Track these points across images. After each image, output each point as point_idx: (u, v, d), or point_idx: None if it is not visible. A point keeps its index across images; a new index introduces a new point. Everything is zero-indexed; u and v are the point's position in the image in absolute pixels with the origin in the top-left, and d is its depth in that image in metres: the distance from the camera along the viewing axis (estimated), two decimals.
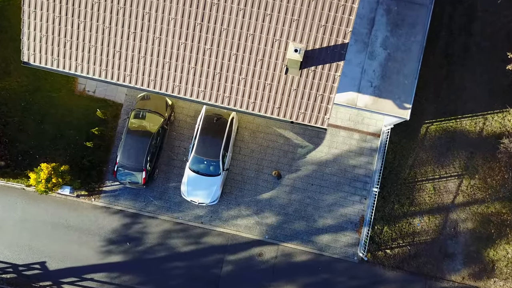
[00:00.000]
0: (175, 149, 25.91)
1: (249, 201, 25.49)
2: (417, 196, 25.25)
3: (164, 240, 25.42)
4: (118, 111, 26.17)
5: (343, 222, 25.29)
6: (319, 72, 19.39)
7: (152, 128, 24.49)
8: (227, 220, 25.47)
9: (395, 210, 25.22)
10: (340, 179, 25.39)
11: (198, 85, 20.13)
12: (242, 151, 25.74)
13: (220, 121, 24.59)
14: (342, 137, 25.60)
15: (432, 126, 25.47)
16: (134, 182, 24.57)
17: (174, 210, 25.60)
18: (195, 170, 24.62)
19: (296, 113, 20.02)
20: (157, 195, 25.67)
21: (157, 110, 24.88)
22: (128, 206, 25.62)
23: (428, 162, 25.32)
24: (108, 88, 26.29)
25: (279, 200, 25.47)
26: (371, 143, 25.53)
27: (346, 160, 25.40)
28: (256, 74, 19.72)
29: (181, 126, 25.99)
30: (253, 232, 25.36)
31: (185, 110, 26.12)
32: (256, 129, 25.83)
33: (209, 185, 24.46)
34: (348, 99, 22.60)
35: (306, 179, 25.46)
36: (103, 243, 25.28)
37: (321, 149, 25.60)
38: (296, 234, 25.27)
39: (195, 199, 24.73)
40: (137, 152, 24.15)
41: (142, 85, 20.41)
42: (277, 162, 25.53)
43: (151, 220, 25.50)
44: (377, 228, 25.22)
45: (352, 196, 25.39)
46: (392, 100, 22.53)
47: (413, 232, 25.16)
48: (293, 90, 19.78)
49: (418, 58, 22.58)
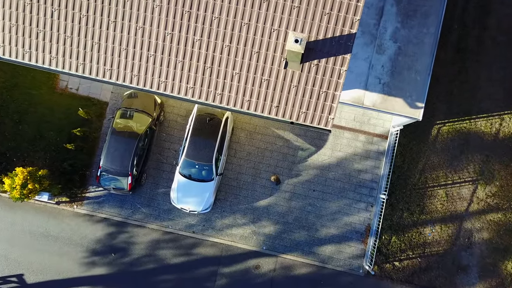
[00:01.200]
0: (164, 152, 23.63)
1: (245, 208, 23.21)
2: (428, 203, 23.19)
3: (152, 251, 23.13)
4: (103, 110, 24.01)
5: (348, 231, 23.06)
6: (322, 66, 16.97)
7: (139, 129, 22.25)
8: (221, 229, 23.21)
9: (404, 218, 23.09)
10: (344, 185, 23.19)
11: (187, 81, 17.71)
12: (237, 154, 23.46)
13: (213, 122, 22.23)
14: (346, 139, 23.38)
15: (444, 127, 23.54)
16: (119, 188, 22.26)
17: (163, 218, 23.31)
18: (185, 175, 22.30)
19: (297, 113, 17.60)
20: (145, 202, 23.40)
21: (145, 109, 22.75)
22: (113, 214, 23.40)
23: (440, 166, 23.56)
24: (92, 86, 24.05)
25: (278, 207, 23.19)
26: (378, 145, 23.32)
27: (350, 164, 23.19)
28: (251, 68, 17.30)
29: (171, 126, 23.70)
30: (250, 242, 23.12)
31: (176, 109, 23.81)
32: (253, 130, 23.52)
33: (201, 191, 22.21)
34: (354, 97, 20.25)
35: (307, 185, 23.18)
36: (86, 254, 23.38)
37: (323, 152, 23.36)
38: (296, 244, 23.06)
39: (186, 207, 22.40)
40: (122, 155, 21.89)
41: (124, 80, 18.00)
42: (275, 166, 23.29)
43: (138, 229, 23.29)
44: (385, 238, 23.02)
45: (358, 204, 23.15)
46: (403, 98, 20.21)
47: (423, 243, 23.18)
48: (293, 87, 17.34)
49: (431, 52, 20.27)
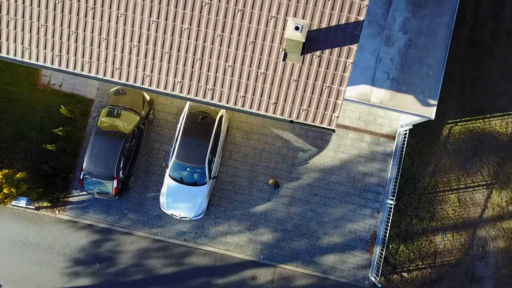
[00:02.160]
0: (154, 153, 21.61)
1: (240, 214, 21.20)
2: (439, 209, 21.23)
3: (140, 260, 21.14)
4: (88, 108, 22.04)
5: (352, 239, 21.07)
6: (326, 58, 14.96)
7: (126, 128, 20.28)
8: (215, 237, 21.19)
9: (413, 225, 21.11)
10: (348, 189, 21.18)
11: (174, 75, 15.70)
12: (233, 156, 21.43)
13: (206, 120, 20.22)
14: (350, 139, 21.35)
15: (456, 126, 21.70)
16: (104, 192, 20.27)
17: (152, 225, 21.30)
18: (176, 178, 20.29)
19: (297, 110, 15.58)
20: (133, 207, 21.40)
21: (132, 107, 20.77)
22: (98, 220, 21.39)
23: (451, 169, 21.67)
24: (76, 82, 22.09)
25: (277, 213, 21.17)
26: (384, 146, 21.30)
27: (355, 166, 21.21)
28: (246, 61, 15.29)
29: (161, 126, 21.70)
30: (246, 251, 21.12)
31: (167, 107, 21.80)
32: (249, 130, 21.51)
33: (193, 196, 20.20)
34: (360, 93, 18.23)
35: (308, 189, 21.20)
36: (68, 263, 21.46)
37: (326, 154, 21.38)
38: (296, 253, 21.09)
39: (177, 213, 20.38)
40: (107, 156, 19.90)
41: (104, 74, 16.01)
42: (274, 169, 21.27)
43: (125, 236, 21.29)
44: (392, 247, 21.04)
45: (363, 209, 21.15)
46: (414, 95, 18.21)
47: (434, 252, 21.26)
48: (293, 81, 15.31)
49: (445, 43, 18.29)
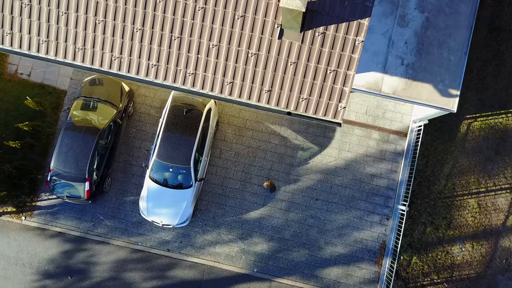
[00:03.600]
0: (134, 151, 18.82)
1: (232, 221, 18.40)
2: (457, 215, 18.55)
3: (117, 273, 18.39)
4: (61, 101, 19.28)
5: (358, 250, 18.29)
6: (331, 35, 12.12)
7: (101, 123, 17.42)
8: (203, 247, 18.41)
9: (428, 234, 18.37)
10: (354, 193, 18.39)
11: (148, 57, 12.86)
12: (223, 155, 18.62)
13: (192, 114, 17.40)
14: (356, 136, 18.56)
15: (475, 122, 19.11)
16: (74, 196, 17.50)
17: (131, 233, 18.49)
18: (158, 180, 17.47)
19: (296, 100, 12.73)
20: (109, 213, 18.63)
21: (108, 99, 17.88)
22: (70, 227, 18.62)
23: (470, 171, 19.04)
24: (47, 71, 19.31)
25: (273, 220, 18.38)
26: (395, 144, 18.52)
27: (362, 167, 18.47)
28: (234, 39, 12.46)
29: (142, 120, 18.89)
30: (237, 263, 18.33)
31: (149, 100, 18.98)
32: (242, 125, 18.70)
33: (177, 200, 17.42)
34: (369, 82, 15.41)
35: (308, 193, 18.47)
36: (36, 276, 18.85)
37: (328, 153, 18.55)
38: (295, 266, 18.33)
39: (158, 220, 17.58)
40: (78, 155, 17.12)
41: (65, 56, 13.20)
42: (270, 170, 18.49)
43: (100, 246, 18.50)
44: (404, 259, 18.28)
45: (370, 216, 18.38)
46: (432, 84, 15.39)
47: (451, 265, 18.69)
48: (291, 64, 12.47)
49: (468, 24, 15.45)
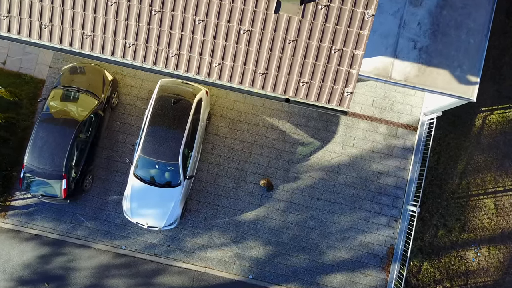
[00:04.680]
0: (118, 147, 17.01)
1: (225, 223, 16.59)
2: (472, 217, 16.84)
3: (99, 280, 16.58)
4: (39, 91, 17.54)
5: (364, 255, 16.48)
6: (335, 8, 10.30)
7: (80, 115, 15.57)
8: (193, 251, 16.59)
9: (440, 238, 16.61)
10: (359, 192, 16.59)
11: (125, 35, 11.04)
12: (216, 150, 16.81)
13: (181, 105, 15.59)
14: (362, 130, 16.76)
15: (491, 115, 17.49)
16: (50, 195, 15.70)
17: (115, 235, 16.68)
18: (143, 177, 15.67)
19: (295, 84, 10.90)
20: (91, 214, 16.80)
21: (89, 89, 16.15)
22: (47, 229, 16.84)
23: (486, 168, 17.38)
24: (24, 59, 17.47)
25: (270, 222, 16.57)
26: (404, 139, 16.74)
27: (367, 164, 16.69)
28: (223, 13, 10.62)
29: (128, 113, 17.09)
30: (231, 269, 16.52)
31: (135, 90, 17.19)
32: (237, 118, 16.89)
33: (164, 200, 15.61)
34: (377, 68, 13.58)
35: (309, 192, 16.66)
36: (9, 283, 17.11)
37: (331, 148, 16.75)
38: (294, 272, 16.52)
39: (143, 221, 15.76)
40: (54, 150, 15.35)
41: (29, 34, 11.37)
42: (267, 167, 16.69)
43: (81, 250, 16.70)
44: (414, 265, 16.48)
45: (377, 217, 16.59)
46: (449, 69, 13.57)
47: (466, 271, 16.87)
48: (290, 42, 10.63)
49: (490, 2, 13.57)
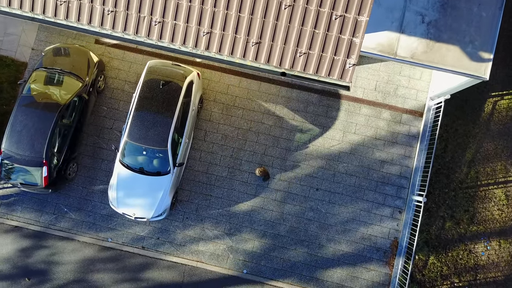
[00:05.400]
0: (105, 133, 15.88)
1: (218, 215, 15.44)
2: (481, 208, 15.75)
3: (83, 275, 15.44)
4: (20, 74, 16.49)
5: (366, 249, 15.35)
6: None
7: (63, 98, 14.43)
8: (183, 244, 15.45)
9: (447, 230, 15.51)
10: (361, 182, 15.45)
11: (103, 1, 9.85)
12: (208, 137, 15.68)
13: (171, 87, 14.45)
14: (364, 116, 15.64)
15: (502, 101, 16.53)
16: (30, 183, 14.54)
17: (100, 227, 15.55)
18: (129, 165, 14.54)
19: (291, 55, 9.76)
20: (75, 204, 15.67)
21: (73, 71, 15.03)
22: (28, 221, 15.70)
23: (497, 156, 16.34)
24: (5, 40, 16.38)
25: (266, 213, 15.43)
26: (409, 125, 15.64)
27: (370, 152, 15.61)
28: None
29: (115, 97, 15.97)
30: (224, 263, 15.38)
31: (123, 74, 16.06)
32: (231, 103, 15.76)
33: (152, 189, 14.48)
34: (382, 44, 12.44)
35: (307, 181, 15.52)
36: None
37: (331, 135, 15.62)
38: (292, 267, 15.35)
39: (130, 212, 14.63)
40: (34, 135, 14.24)
41: None
42: (263, 155, 15.57)
43: (64, 242, 15.62)
44: (419, 259, 15.37)
45: (380, 208, 15.44)
46: (459, 45, 12.43)
47: (475, 266, 15.74)
48: (286, 8, 9.51)
49: None
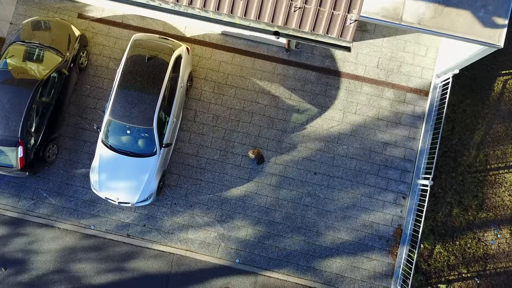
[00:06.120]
0: (88, 113, 14.79)
1: (209, 200, 14.33)
2: (490, 194, 14.81)
3: (64, 264, 14.34)
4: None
5: (367, 237, 14.25)
6: None
7: (41, 74, 13.30)
8: (171, 232, 14.34)
9: (455, 217, 14.46)
10: (362, 165, 14.38)
11: None
12: (198, 118, 14.58)
13: (157, 62, 13.32)
14: (365, 95, 14.57)
15: None
16: (4, 165, 13.51)
17: (82, 213, 14.44)
18: (112, 145, 13.40)
19: (285, 10, 8.60)
20: (55, 189, 14.59)
21: (52, 45, 13.88)
22: (5, 207, 14.75)
23: (507, 138, 15.45)
24: None
25: (260, 199, 14.33)
26: (413, 105, 14.59)
27: (372, 133, 14.58)
28: None
29: (99, 75, 14.85)
30: (215, 252, 14.29)
31: (107, 50, 14.95)
32: (223, 81, 14.63)
33: (137, 171, 13.42)
34: (386, 8, 11.29)
35: (305, 165, 14.45)
36: None
37: (331, 115, 14.55)
38: (287, 256, 14.23)
39: (113, 196, 13.51)
40: (8, 112, 13.20)
41: None
42: (257, 136, 14.52)
43: (43, 230, 14.55)
44: (425, 248, 14.33)
45: (383, 194, 14.39)
46: (471, 10, 11.29)
47: (484, 255, 14.70)
48: None
49: None
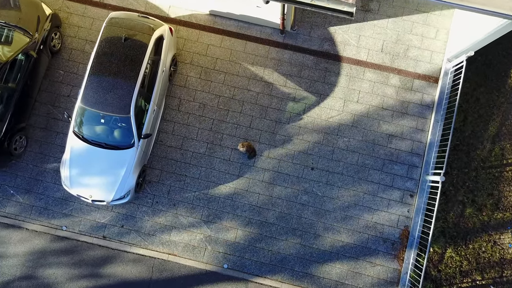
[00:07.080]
0: (61, 102, 13.32)
1: (194, 198, 12.87)
2: (507, 191, 13.61)
3: (33, 269, 12.95)
4: None
5: (370, 239, 12.86)
6: None
7: (5, 55, 11.86)
8: (153, 233, 12.86)
9: (468, 217, 13.15)
10: (364, 160, 12.97)
11: None
12: (183, 107, 13.12)
13: (135, 43, 11.79)
14: (369, 82, 13.14)
15: None
16: None
17: (54, 213, 12.98)
18: (85, 136, 11.85)
19: None
20: (23, 186, 13.16)
21: (19, 24, 12.41)
22: None
23: None
24: None
25: (251, 197, 12.86)
26: (422, 93, 13.19)
27: (376, 124, 13.23)
28: None
29: (74, 59, 13.39)
30: (201, 256, 12.88)
31: (83, 32, 13.45)
32: (211, 67, 13.13)
33: (112, 165, 11.99)
34: None
35: (301, 159, 13.01)
36: None
37: (330, 104, 13.13)
38: (281, 261, 12.85)
39: (86, 193, 11.98)
40: None
41: None
42: (248, 128, 13.11)
43: (10, 231, 13.22)
44: (435, 252, 12.90)
45: (388, 191, 12.99)
46: None
47: (500, 260, 13.40)
48: None
49: None
